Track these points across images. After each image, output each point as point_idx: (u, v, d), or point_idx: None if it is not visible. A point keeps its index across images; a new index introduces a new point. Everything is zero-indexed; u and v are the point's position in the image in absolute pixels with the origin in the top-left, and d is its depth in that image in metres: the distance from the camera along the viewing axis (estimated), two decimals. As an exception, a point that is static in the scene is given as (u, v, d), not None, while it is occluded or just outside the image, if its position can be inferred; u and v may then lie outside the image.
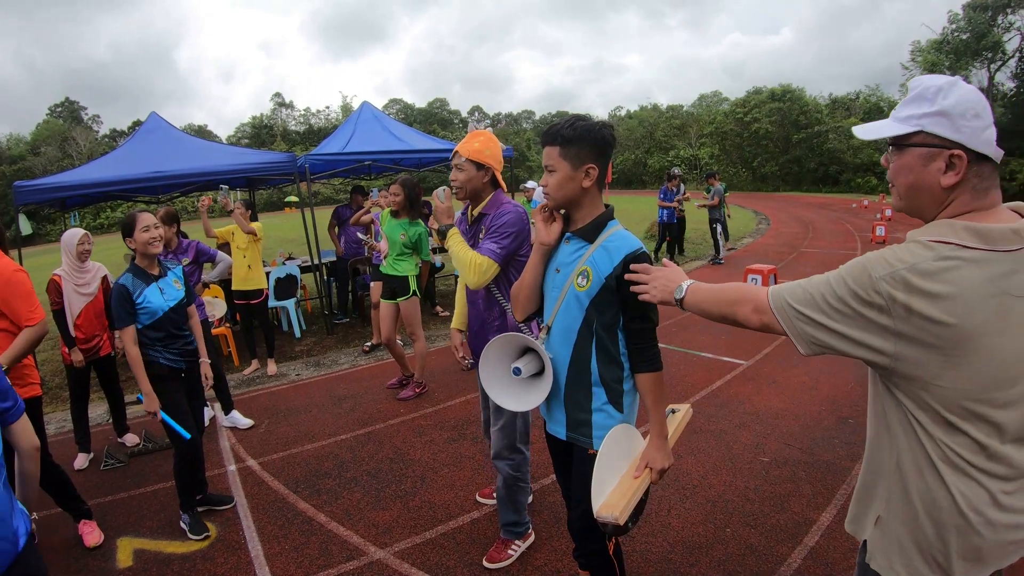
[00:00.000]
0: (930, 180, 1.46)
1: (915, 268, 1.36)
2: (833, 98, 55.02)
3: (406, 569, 3.39)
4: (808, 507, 3.77)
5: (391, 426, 5.46)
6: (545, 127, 2.27)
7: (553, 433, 2.46)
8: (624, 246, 2.20)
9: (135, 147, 9.38)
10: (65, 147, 71.02)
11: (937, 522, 1.47)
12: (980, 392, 1.39)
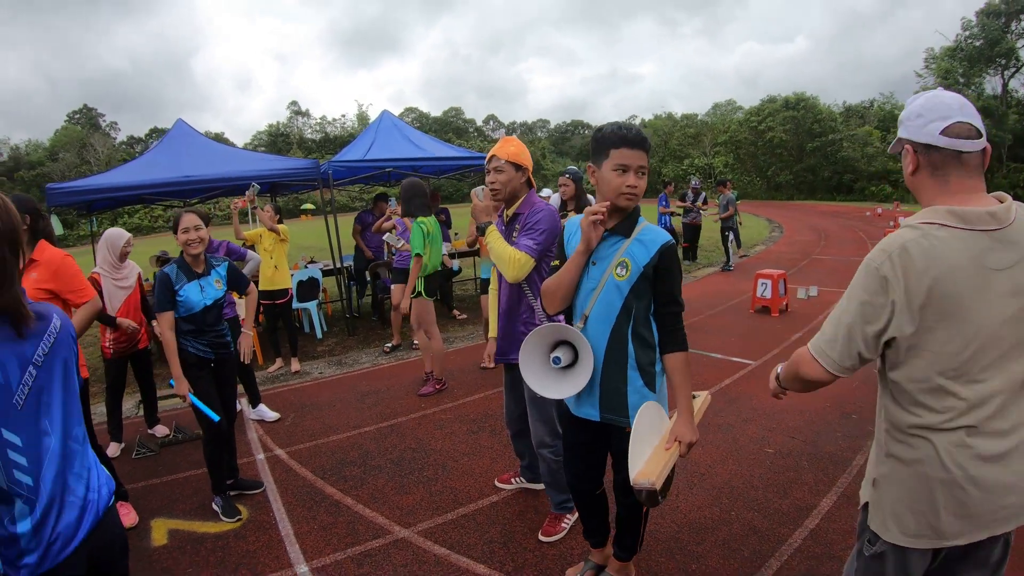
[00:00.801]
0: (905, 173, 1.82)
1: (904, 247, 1.64)
2: (847, 106, 55.02)
3: (429, 546, 3.62)
4: (810, 494, 3.95)
5: (413, 420, 5.71)
6: (602, 130, 2.50)
7: (584, 416, 2.66)
8: (658, 238, 2.48)
9: (163, 152, 9.67)
10: (83, 153, 71.94)
11: (924, 478, 1.70)
12: (961, 354, 1.64)
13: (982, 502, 1.66)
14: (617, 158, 2.42)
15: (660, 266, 2.44)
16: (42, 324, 1.75)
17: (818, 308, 9.32)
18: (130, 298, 5.11)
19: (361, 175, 10.36)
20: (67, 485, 1.81)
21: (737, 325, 8.67)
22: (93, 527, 1.87)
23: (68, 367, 1.84)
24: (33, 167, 68.46)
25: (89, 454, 1.93)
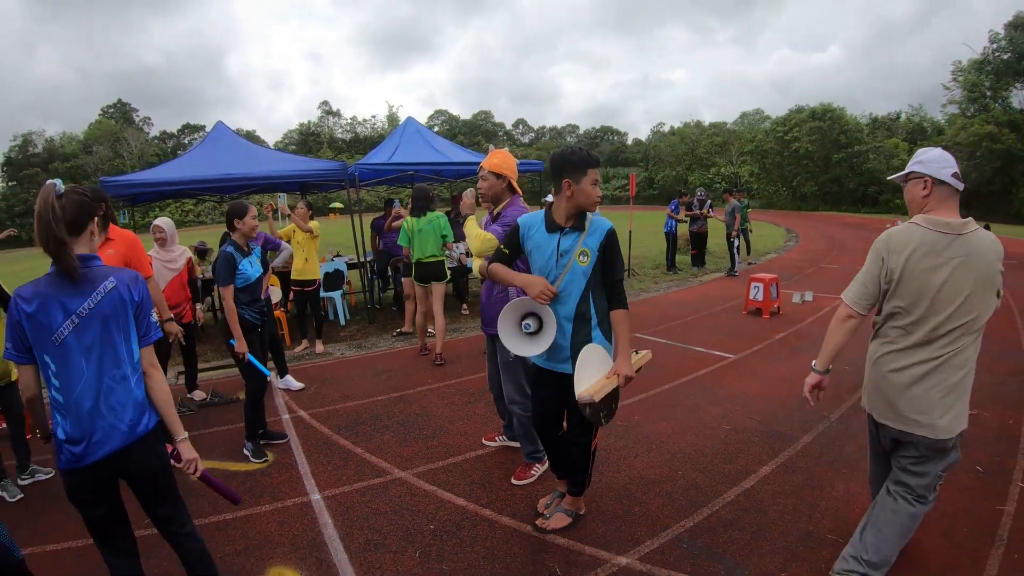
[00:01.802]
0: (917, 196, 2.93)
1: (891, 236, 2.89)
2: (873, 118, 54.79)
3: (421, 484, 4.42)
4: (753, 462, 4.60)
5: (419, 392, 6.52)
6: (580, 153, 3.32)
7: (560, 370, 3.42)
8: (603, 226, 3.31)
9: (203, 152, 10.56)
10: (116, 147, 73.56)
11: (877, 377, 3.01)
12: (911, 305, 2.83)
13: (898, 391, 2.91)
14: (592, 175, 3.26)
15: (606, 244, 3.27)
16: (90, 286, 2.42)
17: (809, 312, 9.90)
18: (176, 279, 5.97)
19: (386, 177, 11.16)
20: (99, 411, 2.44)
21: (727, 324, 9.28)
22: (122, 448, 2.47)
23: (108, 323, 2.46)
24: (67, 159, 70.16)
25: (129, 392, 2.50)
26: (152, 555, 3.22)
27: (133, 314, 2.54)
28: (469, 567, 3.44)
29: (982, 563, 3.24)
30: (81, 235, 2.49)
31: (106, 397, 2.45)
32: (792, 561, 3.36)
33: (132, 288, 2.52)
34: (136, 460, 2.53)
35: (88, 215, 2.50)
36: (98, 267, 2.49)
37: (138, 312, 2.55)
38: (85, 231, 2.50)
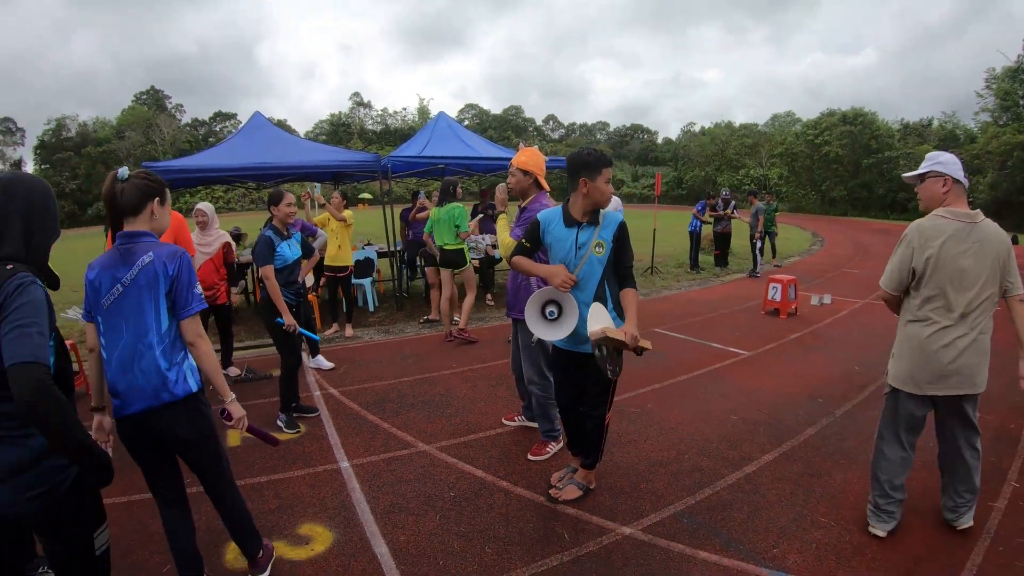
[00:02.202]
0: (937, 193, 3.39)
1: (920, 226, 3.36)
2: (905, 124, 54.08)
3: (443, 457, 4.77)
4: (755, 450, 4.85)
5: (444, 375, 6.87)
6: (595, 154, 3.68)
7: (579, 351, 3.77)
8: (615, 220, 3.68)
9: (241, 141, 10.92)
10: (149, 133, 74.55)
11: (912, 348, 3.40)
12: (937, 285, 3.30)
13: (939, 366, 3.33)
14: (606, 174, 3.61)
15: (619, 236, 3.65)
16: (133, 257, 2.69)
17: (827, 314, 10.06)
18: (208, 262, 6.39)
19: (417, 169, 11.51)
20: (131, 372, 2.67)
21: (744, 323, 9.50)
22: (145, 410, 2.68)
23: (143, 293, 2.69)
24: (100, 144, 71.25)
25: (154, 360, 2.68)
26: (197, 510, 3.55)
27: (167, 288, 2.71)
28: (485, 530, 3.76)
29: (967, 552, 3.45)
30: (140, 215, 2.77)
31: (138, 361, 2.67)
32: (784, 539, 3.61)
33: (168, 263, 2.70)
34: (163, 425, 2.74)
35: (148, 197, 2.77)
36: (144, 242, 2.73)
37: (173, 286, 2.71)
38: (144, 211, 2.77)
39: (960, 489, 3.61)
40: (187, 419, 2.79)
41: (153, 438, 2.79)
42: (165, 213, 2.90)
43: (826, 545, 3.54)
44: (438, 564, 3.43)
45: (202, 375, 2.90)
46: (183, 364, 2.79)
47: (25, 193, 2.25)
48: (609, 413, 3.90)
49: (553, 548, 3.56)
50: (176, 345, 2.77)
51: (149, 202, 2.77)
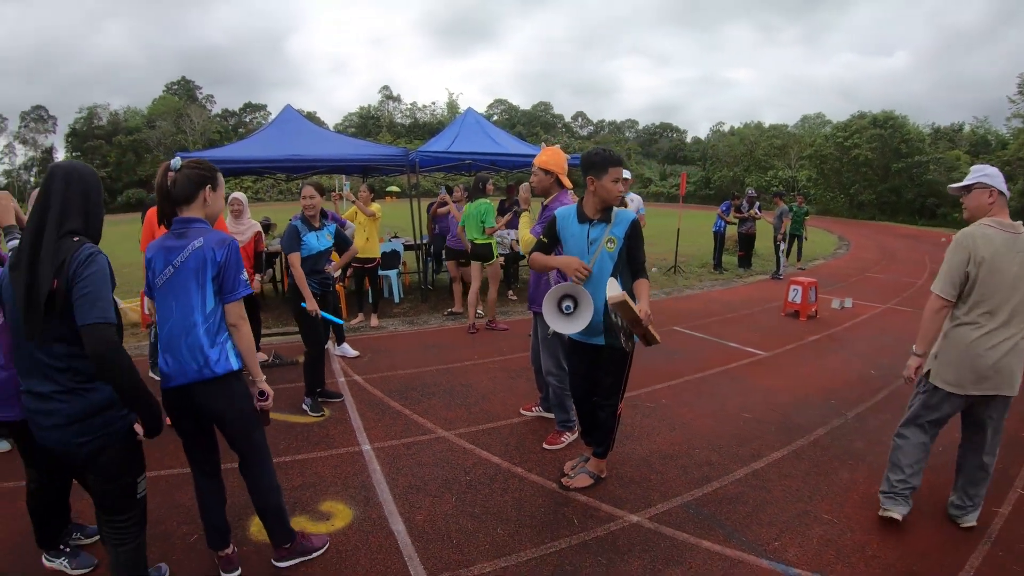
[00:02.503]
0: (983, 203, 3.56)
1: (972, 234, 3.48)
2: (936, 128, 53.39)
3: (461, 443, 4.97)
4: (765, 447, 4.97)
5: (466, 366, 7.09)
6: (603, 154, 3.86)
7: (592, 343, 3.94)
8: (627, 218, 3.87)
9: (272, 133, 11.18)
10: (179, 123, 75.38)
11: (958, 351, 3.53)
12: (986, 292, 3.44)
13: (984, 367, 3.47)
14: (614, 173, 3.76)
15: (631, 233, 3.83)
16: (183, 242, 2.91)
17: (847, 318, 10.10)
18: (241, 249, 6.58)
19: (444, 164, 11.71)
20: (178, 348, 2.88)
21: (763, 324, 9.60)
22: (188, 384, 2.89)
23: (191, 276, 2.86)
24: (130, 133, 72.33)
25: (197, 339, 2.89)
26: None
27: (215, 272, 2.90)
28: (498, 512, 3.94)
29: (966, 555, 3.53)
30: (193, 202, 2.99)
31: (184, 338, 2.88)
32: (786, 533, 3.74)
33: (217, 249, 2.88)
34: (203, 399, 2.96)
35: (200, 185, 2.98)
36: (196, 228, 2.94)
37: (220, 271, 2.90)
38: (197, 198, 2.99)
39: (970, 491, 3.77)
40: (226, 395, 2.99)
41: (194, 411, 3.00)
42: (218, 199, 3.10)
43: (827, 541, 3.66)
44: (452, 542, 3.61)
45: (244, 356, 3.10)
46: (225, 344, 2.98)
47: (79, 178, 2.61)
48: (621, 404, 4.09)
49: (562, 532, 3.73)
50: (220, 326, 2.97)
51: (201, 190, 2.99)
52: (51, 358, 2.46)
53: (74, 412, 2.49)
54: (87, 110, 74.71)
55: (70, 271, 2.40)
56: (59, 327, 2.42)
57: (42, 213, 2.50)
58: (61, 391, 2.48)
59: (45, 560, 3.29)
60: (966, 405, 3.66)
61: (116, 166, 68.75)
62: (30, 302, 2.40)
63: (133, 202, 66.11)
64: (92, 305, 2.37)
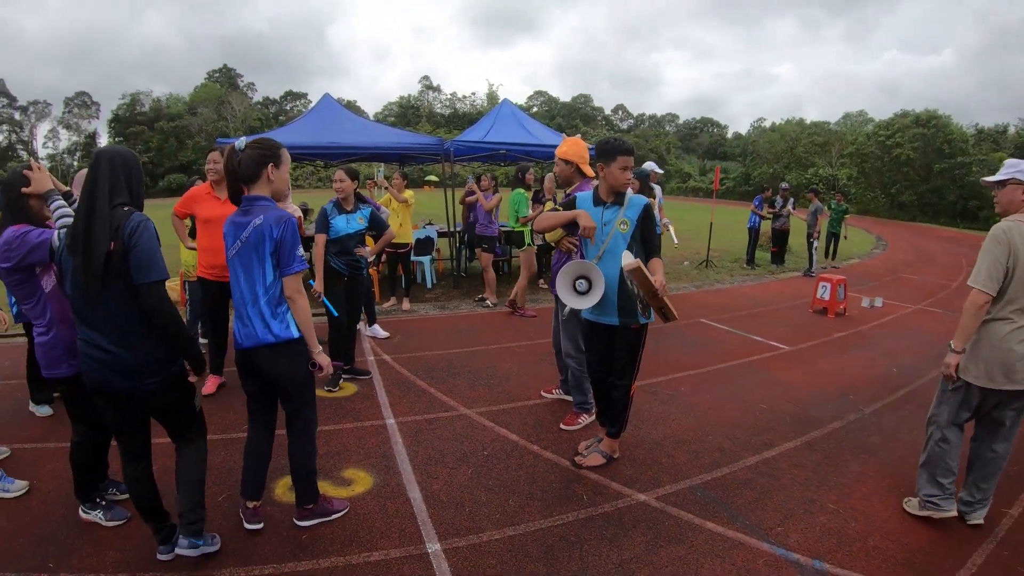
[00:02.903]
0: (1017, 198, 3.57)
1: (1009, 229, 3.48)
2: (979, 129, 51.98)
3: (481, 420, 5.19)
4: (778, 438, 5.07)
5: (492, 349, 7.33)
6: (613, 143, 4.07)
7: (606, 322, 4.15)
8: (640, 202, 4.11)
9: (312, 121, 11.51)
10: (220, 110, 76.95)
11: (992, 346, 3.54)
12: (1021, 289, 3.48)
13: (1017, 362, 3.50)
14: (622, 162, 3.97)
15: (643, 216, 4.06)
16: (248, 218, 3.19)
17: (875, 317, 10.07)
18: None
19: (479, 154, 11.91)
20: (245, 315, 3.25)
21: (790, 319, 9.63)
22: (250, 348, 3.25)
23: (253, 250, 3.15)
24: (172, 119, 74.21)
25: (258, 308, 3.21)
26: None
27: (272, 248, 3.15)
28: (511, 485, 4.13)
29: (970, 552, 3.60)
30: (258, 181, 3.27)
31: (249, 306, 3.22)
32: (789, 519, 3.86)
33: (274, 227, 3.12)
34: (262, 361, 3.27)
35: (262, 164, 3.26)
36: (259, 206, 3.21)
37: (277, 247, 3.15)
38: (261, 177, 3.26)
39: (982, 485, 3.82)
40: (282, 360, 3.30)
41: (256, 371, 3.34)
42: (282, 175, 3.37)
43: (830, 530, 3.76)
44: (464, 510, 3.81)
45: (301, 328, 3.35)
46: (286, 315, 3.27)
47: (123, 161, 2.95)
48: (634, 385, 4.27)
49: (571, 506, 3.90)
50: (280, 298, 3.25)
51: (264, 168, 3.24)
52: (111, 314, 2.82)
53: (136, 360, 2.88)
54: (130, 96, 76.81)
55: (124, 235, 2.75)
56: (116, 287, 2.77)
57: (92, 190, 2.81)
58: (123, 343, 2.85)
59: (82, 512, 3.60)
60: (995, 400, 3.68)
61: (158, 151, 70.48)
62: (88, 264, 2.72)
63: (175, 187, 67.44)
64: (146, 266, 2.76)
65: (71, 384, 3.42)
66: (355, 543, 3.47)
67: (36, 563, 3.23)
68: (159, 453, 3.41)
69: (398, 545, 3.45)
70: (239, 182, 3.25)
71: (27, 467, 4.23)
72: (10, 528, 3.54)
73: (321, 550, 3.40)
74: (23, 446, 4.55)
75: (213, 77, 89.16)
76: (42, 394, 5.19)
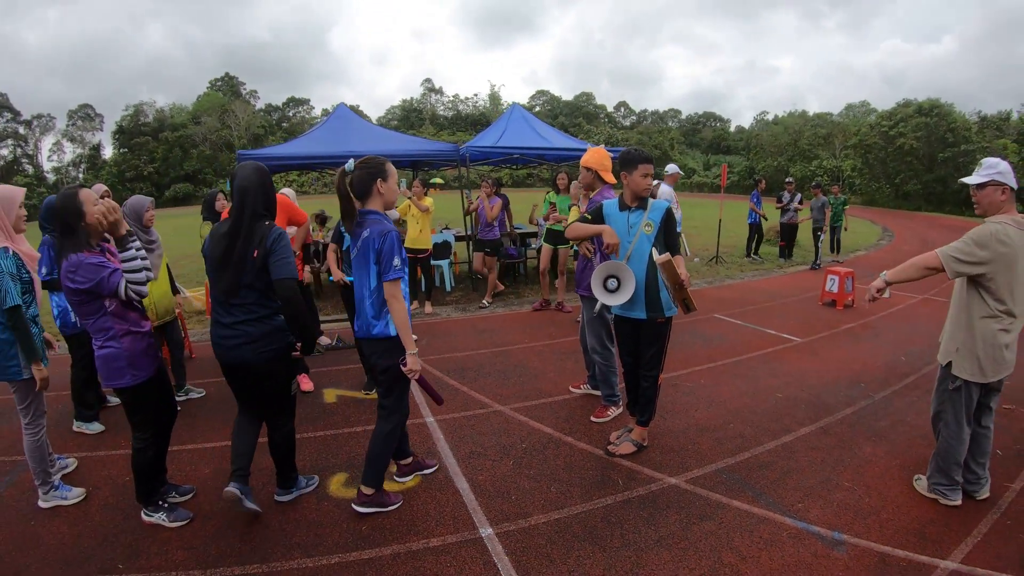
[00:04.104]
0: (996, 200, 3.75)
1: (994, 230, 3.63)
2: (982, 116, 51.80)
3: (515, 416, 5.53)
4: (795, 423, 5.38)
5: (518, 348, 7.65)
6: (633, 153, 4.52)
7: (634, 317, 4.52)
8: (662, 206, 4.48)
9: (327, 130, 11.77)
10: (224, 118, 77.11)
11: (985, 344, 3.77)
12: (1008, 289, 3.67)
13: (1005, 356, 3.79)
14: (643, 169, 4.38)
15: (666, 218, 4.45)
16: (360, 230, 3.68)
17: (882, 307, 10.31)
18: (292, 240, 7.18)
19: (493, 159, 12.24)
20: (358, 310, 3.82)
21: (800, 312, 9.93)
22: (363, 337, 3.82)
23: (363, 257, 3.67)
24: (176, 129, 74.43)
25: (363, 306, 3.76)
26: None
27: (375, 257, 3.63)
28: (551, 474, 4.47)
29: (975, 522, 3.90)
30: (369, 196, 3.71)
31: (361, 304, 3.80)
32: (808, 497, 4.18)
33: (377, 239, 3.60)
34: (368, 351, 3.89)
35: (371, 180, 3.69)
36: (369, 219, 3.69)
37: (378, 256, 3.62)
38: (372, 192, 3.70)
39: (980, 460, 4.11)
40: (381, 352, 3.81)
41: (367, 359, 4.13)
42: (390, 187, 3.82)
43: (846, 505, 4.08)
44: (511, 498, 4.15)
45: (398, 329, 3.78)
46: (387, 315, 3.73)
47: (259, 179, 3.67)
48: (661, 375, 4.62)
49: (608, 491, 4.24)
50: (382, 300, 3.72)
51: (374, 184, 3.70)
52: (243, 300, 3.55)
53: (258, 334, 3.59)
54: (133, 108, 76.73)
55: (267, 244, 3.48)
56: (254, 280, 3.51)
57: (239, 205, 3.57)
58: (250, 320, 3.57)
59: (144, 515, 3.90)
60: (987, 389, 3.99)
61: (163, 162, 70.94)
62: (228, 264, 3.50)
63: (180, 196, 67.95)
64: (284, 267, 3.49)
65: (134, 392, 3.70)
66: (413, 531, 3.80)
67: (105, 564, 3.51)
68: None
69: (453, 531, 3.78)
70: (356, 199, 3.73)
71: (82, 475, 4.56)
72: (73, 533, 3.81)
73: (382, 539, 3.72)
74: (76, 455, 4.86)
75: (216, 86, 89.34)
76: (89, 411, 5.39)
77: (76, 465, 4.69)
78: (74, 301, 3.56)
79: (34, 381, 3.87)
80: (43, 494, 4.10)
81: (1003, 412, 5.49)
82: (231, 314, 3.58)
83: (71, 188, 3.63)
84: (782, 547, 3.61)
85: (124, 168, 69.18)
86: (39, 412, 4.03)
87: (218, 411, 5.64)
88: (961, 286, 3.95)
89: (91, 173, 73.78)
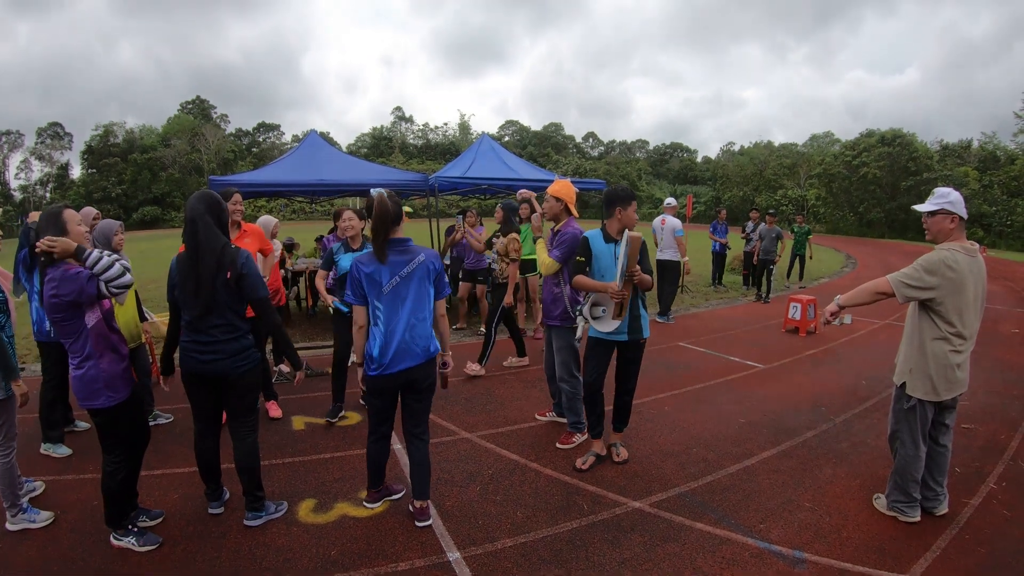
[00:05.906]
0: (945, 227, 3.94)
1: (943, 256, 3.85)
2: (944, 145, 53.29)
3: (481, 443, 5.57)
4: (756, 447, 5.50)
5: (484, 378, 7.66)
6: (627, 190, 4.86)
7: (616, 339, 4.80)
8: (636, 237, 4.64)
9: (298, 158, 11.79)
10: (194, 141, 76.36)
11: (937, 364, 3.94)
12: (956, 312, 3.88)
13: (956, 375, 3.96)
14: (634, 206, 4.69)
15: (642, 248, 4.57)
16: (408, 256, 3.82)
17: (844, 333, 10.60)
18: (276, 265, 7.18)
19: (462, 189, 12.35)
20: (406, 339, 3.82)
21: (763, 339, 10.12)
22: (414, 366, 3.88)
23: (418, 283, 3.84)
24: (146, 151, 73.70)
25: (426, 329, 3.93)
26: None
27: (434, 278, 3.91)
28: (518, 500, 4.51)
29: (934, 537, 4.03)
30: (400, 224, 3.89)
31: (411, 330, 3.84)
32: (770, 518, 4.28)
33: (431, 262, 3.88)
34: (420, 375, 3.96)
35: (401, 212, 3.90)
36: (411, 245, 3.90)
37: (437, 278, 3.94)
38: (401, 222, 3.91)
39: (938, 478, 4.26)
40: (432, 369, 4.05)
41: (406, 386, 3.99)
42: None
43: (807, 524, 4.19)
44: (478, 523, 4.18)
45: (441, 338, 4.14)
46: (432, 333, 4.01)
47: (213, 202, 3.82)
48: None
49: (573, 515, 4.30)
50: (432, 318, 4.00)
51: (402, 215, 3.95)
52: (218, 318, 3.74)
53: (233, 349, 3.82)
54: (103, 128, 75.96)
55: (238, 265, 3.70)
56: (227, 299, 3.73)
57: (192, 232, 3.68)
58: (225, 338, 3.77)
59: (113, 539, 3.87)
60: (940, 408, 4.15)
61: (132, 183, 70.09)
62: (200, 287, 3.65)
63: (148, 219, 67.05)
64: (258, 287, 3.80)
65: (109, 414, 3.68)
66: (381, 556, 3.81)
67: (74, 587, 3.48)
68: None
69: (420, 556, 3.81)
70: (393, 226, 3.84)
71: (49, 499, 4.50)
72: (42, 557, 3.77)
73: (351, 563, 3.73)
74: (43, 478, 4.78)
75: (186, 108, 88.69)
76: (55, 431, 5.31)
77: (44, 488, 4.63)
78: (56, 319, 3.53)
79: (10, 400, 3.88)
80: (11, 517, 4.05)
81: (962, 431, 5.67)
82: (208, 334, 3.76)
83: (56, 207, 3.68)
84: (744, 566, 3.70)
85: (92, 189, 68.06)
86: (11, 434, 4.00)
87: (186, 436, 5.51)
88: (914, 310, 4.10)
89: (58, 192, 72.79)
